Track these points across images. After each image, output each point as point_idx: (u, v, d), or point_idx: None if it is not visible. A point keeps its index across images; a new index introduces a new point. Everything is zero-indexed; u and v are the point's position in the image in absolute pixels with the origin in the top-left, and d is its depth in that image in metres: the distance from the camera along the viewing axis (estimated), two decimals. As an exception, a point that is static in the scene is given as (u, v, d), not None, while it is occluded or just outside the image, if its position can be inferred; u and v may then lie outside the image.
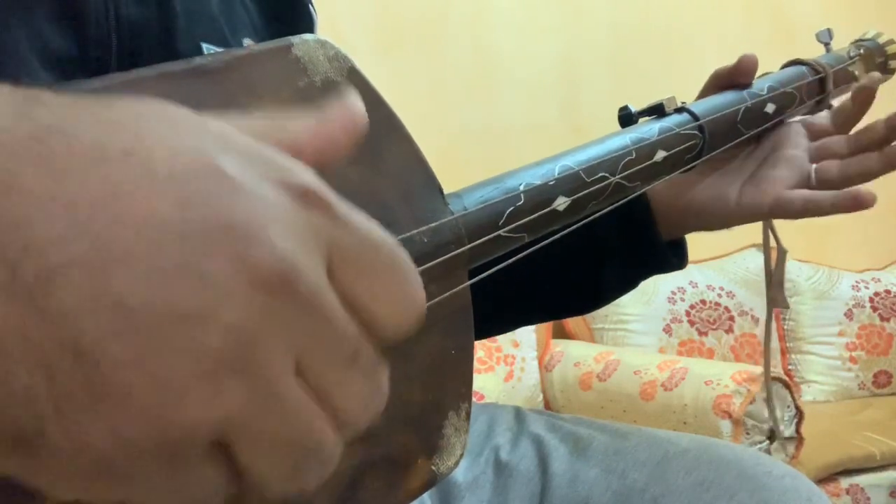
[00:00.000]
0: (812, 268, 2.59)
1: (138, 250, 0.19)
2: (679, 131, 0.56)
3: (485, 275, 0.42)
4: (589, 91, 2.47)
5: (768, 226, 0.67)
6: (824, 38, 0.70)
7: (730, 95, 0.61)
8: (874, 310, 2.54)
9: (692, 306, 2.37)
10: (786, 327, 2.53)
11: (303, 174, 0.23)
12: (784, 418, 1.70)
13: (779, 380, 1.70)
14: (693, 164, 0.58)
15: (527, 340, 2.13)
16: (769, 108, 0.62)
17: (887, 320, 2.53)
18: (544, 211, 0.46)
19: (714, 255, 2.49)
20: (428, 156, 0.40)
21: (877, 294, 2.56)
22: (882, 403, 2.34)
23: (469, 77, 2.36)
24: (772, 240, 0.68)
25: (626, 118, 0.57)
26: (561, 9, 2.48)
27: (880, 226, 2.76)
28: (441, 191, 0.41)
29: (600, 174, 0.49)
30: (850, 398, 2.44)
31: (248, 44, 0.46)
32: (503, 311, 0.63)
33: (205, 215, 0.20)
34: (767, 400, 0.97)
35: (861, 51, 0.70)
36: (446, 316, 0.40)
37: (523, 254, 0.45)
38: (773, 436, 1.61)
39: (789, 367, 2.49)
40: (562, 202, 0.47)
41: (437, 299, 0.38)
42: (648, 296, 2.30)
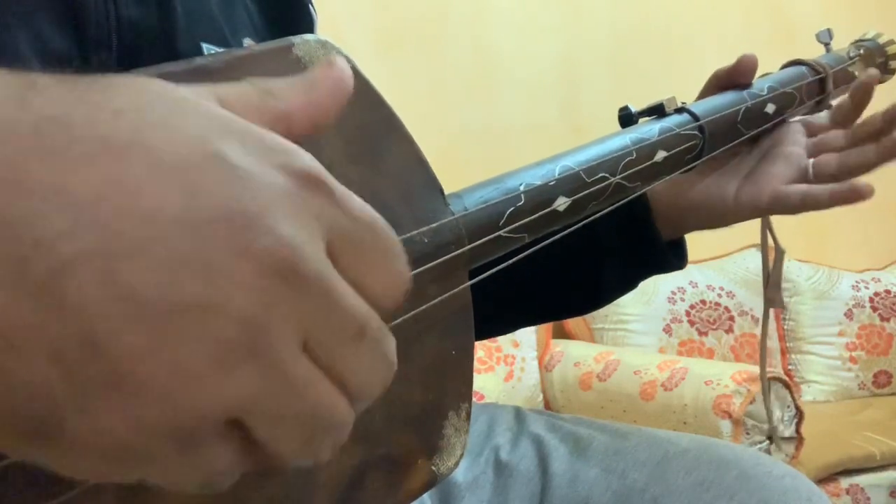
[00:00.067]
0: (812, 268, 2.59)
1: (147, 242, 0.20)
2: (679, 131, 0.56)
3: (485, 275, 0.42)
4: (589, 91, 2.47)
5: (766, 226, 0.67)
6: (824, 38, 0.70)
7: (730, 96, 0.61)
8: (874, 310, 2.54)
9: (692, 306, 2.37)
10: (786, 327, 2.52)
11: (303, 158, 0.23)
12: (784, 418, 1.70)
13: (779, 380, 1.70)
14: (693, 164, 0.58)
15: (527, 340, 2.13)
16: (769, 108, 0.62)
17: (887, 320, 2.53)
18: (544, 211, 0.46)
19: (714, 255, 2.49)
20: (428, 156, 0.40)
21: (877, 294, 2.56)
22: (882, 403, 2.34)
23: (469, 77, 2.36)
24: (770, 240, 0.68)
25: (627, 118, 0.57)
26: (561, 9, 2.48)
27: (880, 226, 2.76)
28: (441, 191, 0.41)
29: (600, 174, 0.49)
30: (850, 398, 2.44)
31: (248, 44, 0.46)
32: (503, 312, 0.63)
33: (210, 204, 0.21)
34: (764, 400, 0.97)
35: (861, 51, 0.70)
36: (446, 316, 0.40)
37: (524, 254, 0.45)
38: (772, 436, 1.61)
39: (789, 367, 2.49)
40: (562, 202, 0.47)
41: (437, 299, 0.38)
42: (648, 296, 2.30)
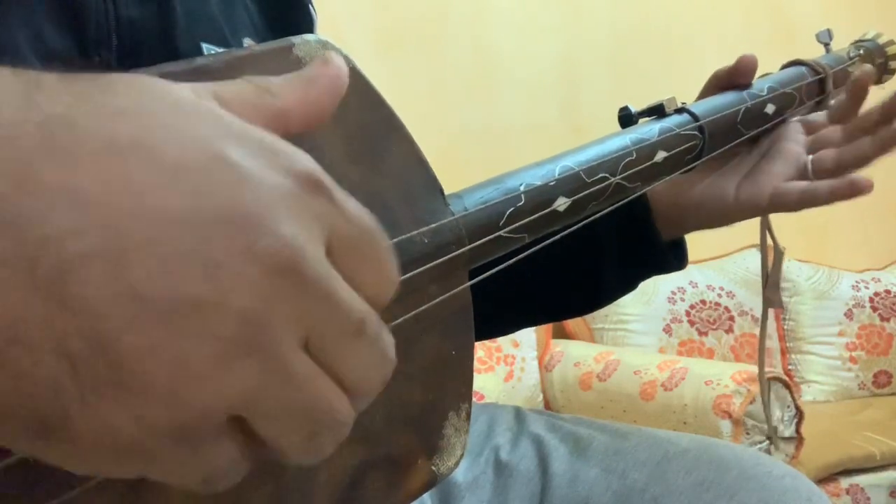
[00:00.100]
0: (812, 268, 2.59)
1: (152, 241, 0.20)
2: (679, 132, 0.56)
3: (485, 275, 0.42)
4: (589, 91, 2.47)
5: (765, 226, 0.67)
6: (824, 38, 0.70)
7: (730, 96, 0.61)
8: (874, 310, 2.54)
9: (692, 306, 2.37)
10: (786, 327, 2.52)
11: (303, 160, 0.24)
12: (784, 418, 1.70)
13: (779, 380, 1.70)
14: (693, 164, 0.58)
15: (527, 340, 2.13)
16: (769, 108, 0.62)
17: (887, 320, 2.53)
18: (545, 211, 0.46)
19: (714, 255, 2.49)
20: (428, 156, 0.40)
21: (877, 294, 2.56)
22: (882, 403, 2.34)
23: (469, 77, 2.36)
24: (769, 240, 0.68)
25: (627, 118, 0.57)
26: (561, 9, 2.48)
27: (880, 226, 2.76)
28: (441, 191, 0.41)
29: (601, 175, 0.49)
30: (850, 398, 2.44)
31: (248, 44, 0.46)
32: (504, 313, 0.63)
33: (214, 205, 0.21)
34: (763, 400, 0.97)
35: (861, 51, 0.70)
36: (446, 316, 0.40)
37: (524, 254, 0.45)
38: (771, 437, 1.61)
39: (789, 367, 2.49)
40: (562, 203, 0.47)
41: (437, 300, 0.38)
42: (648, 296, 2.30)
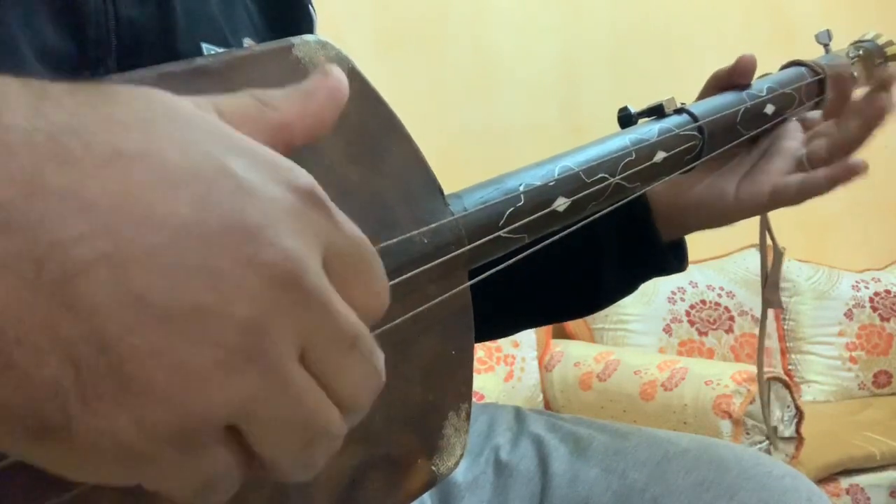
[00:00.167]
0: (812, 268, 2.59)
1: (157, 248, 0.20)
2: (678, 132, 0.56)
3: (485, 275, 0.42)
4: (589, 91, 2.47)
5: (765, 225, 0.67)
6: (823, 39, 0.70)
7: (729, 96, 0.61)
8: (874, 310, 2.54)
9: (692, 306, 2.37)
10: (786, 327, 2.53)
11: (304, 176, 0.24)
12: (784, 418, 1.70)
13: (779, 380, 1.70)
14: (693, 164, 0.58)
15: (527, 340, 2.13)
16: (768, 109, 0.62)
17: (887, 320, 2.53)
18: (544, 212, 0.46)
19: (714, 255, 2.49)
20: (428, 156, 0.41)
21: (877, 294, 2.56)
22: (882, 403, 2.34)
23: (469, 77, 2.36)
24: (769, 240, 0.68)
25: (626, 119, 0.57)
26: (561, 9, 2.48)
27: (880, 226, 2.76)
28: (441, 191, 0.41)
29: (600, 175, 0.49)
30: (850, 398, 2.44)
31: (248, 44, 0.46)
32: (504, 314, 0.63)
33: (219, 215, 0.21)
34: (762, 401, 0.98)
35: (860, 52, 0.71)
36: (446, 316, 0.40)
37: (523, 255, 0.45)
38: (770, 438, 1.61)
39: (789, 367, 2.49)
40: (561, 203, 0.47)
41: (437, 300, 0.38)
42: (648, 296, 2.31)
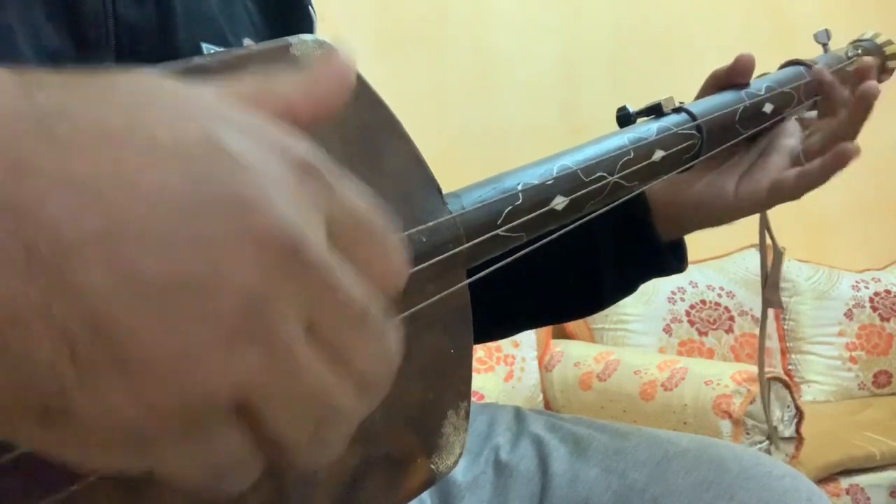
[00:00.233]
0: (812, 268, 2.59)
1: (148, 224, 0.20)
2: (677, 131, 0.56)
3: (484, 273, 0.42)
4: (589, 91, 2.47)
5: (764, 225, 0.67)
6: (822, 38, 0.70)
7: (728, 95, 0.61)
8: (874, 310, 2.54)
9: (692, 306, 2.37)
10: (786, 327, 2.53)
11: (301, 146, 0.24)
12: (784, 418, 1.70)
13: (779, 380, 1.70)
14: (691, 163, 0.58)
15: (527, 340, 2.13)
16: (767, 107, 0.62)
17: (887, 320, 2.53)
18: (542, 210, 0.46)
19: (714, 255, 2.49)
20: (427, 156, 0.41)
21: (877, 294, 2.56)
22: (882, 403, 2.34)
23: (469, 77, 2.36)
24: (768, 239, 0.68)
25: (624, 118, 0.57)
26: (561, 9, 2.48)
27: (880, 226, 2.76)
28: (439, 190, 0.41)
29: (598, 174, 0.49)
30: (850, 398, 2.44)
31: (247, 44, 0.46)
32: (503, 315, 0.63)
33: (211, 188, 0.21)
34: (763, 401, 0.97)
35: (859, 51, 0.71)
36: (445, 315, 0.40)
37: (522, 252, 0.45)
38: (771, 437, 1.61)
39: (789, 367, 2.49)
40: (560, 202, 0.47)
41: (436, 297, 0.38)
42: (648, 296, 2.31)
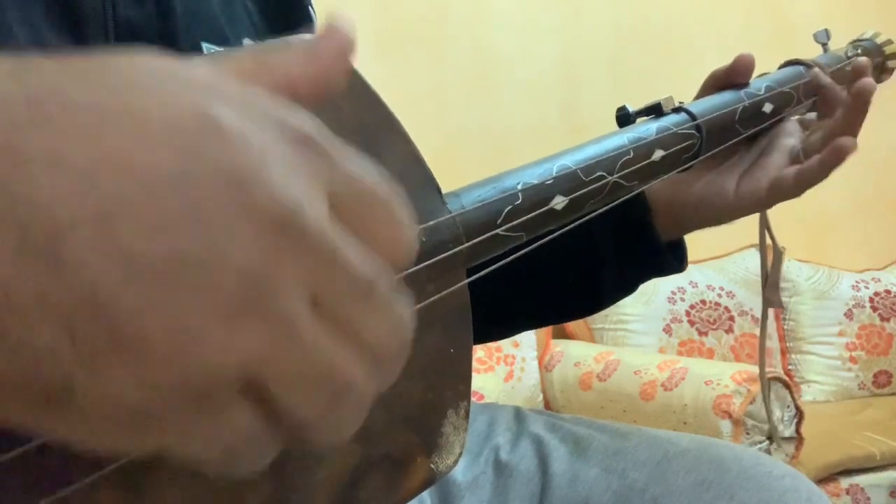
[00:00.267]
0: (812, 268, 2.59)
1: (142, 203, 0.20)
2: (676, 131, 0.56)
3: (484, 272, 0.42)
4: (589, 91, 2.47)
5: (764, 225, 0.67)
6: (822, 38, 0.70)
7: (727, 95, 0.61)
8: (874, 310, 2.54)
9: (692, 306, 2.37)
10: (786, 327, 2.53)
11: (298, 118, 0.23)
12: (784, 418, 1.70)
13: (779, 380, 1.70)
14: (691, 163, 0.58)
15: (527, 340, 2.13)
16: (767, 107, 0.62)
17: (887, 320, 2.53)
18: (542, 210, 0.46)
19: (714, 255, 2.49)
20: (427, 156, 0.41)
21: (877, 294, 2.56)
22: (882, 403, 2.34)
23: (469, 77, 2.36)
24: (768, 239, 0.68)
25: (624, 118, 0.58)
26: (561, 9, 2.48)
27: (880, 226, 2.76)
28: (439, 190, 0.41)
29: (598, 173, 0.50)
30: (850, 398, 2.44)
31: (247, 44, 0.46)
32: (503, 315, 0.63)
33: (204, 164, 0.21)
34: (764, 400, 0.98)
35: (859, 51, 0.71)
36: (445, 315, 0.40)
37: (521, 252, 0.45)
38: (772, 436, 1.61)
39: (789, 367, 2.49)
40: (559, 201, 0.47)
41: (435, 297, 0.38)
42: (648, 296, 2.31)
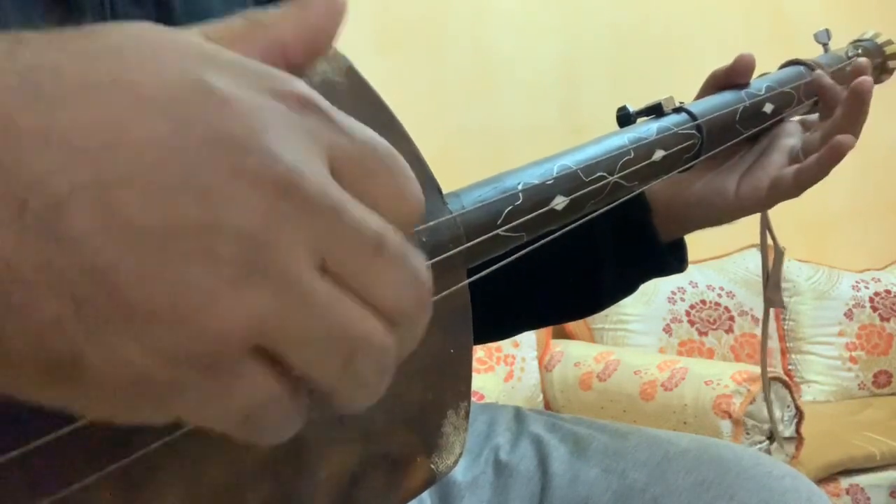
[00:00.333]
0: (812, 268, 2.59)
1: (139, 170, 0.20)
2: (677, 131, 0.56)
3: (484, 273, 0.42)
4: (589, 91, 2.47)
5: (765, 225, 0.67)
6: (822, 38, 0.70)
7: (728, 95, 0.61)
8: (874, 310, 2.54)
9: (692, 306, 2.37)
10: (786, 327, 2.53)
11: (292, 82, 0.23)
12: (784, 418, 1.70)
13: (779, 380, 1.70)
14: (691, 163, 0.58)
15: (527, 340, 2.13)
16: (767, 107, 0.62)
17: (887, 320, 2.53)
18: (542, 210, 0.46)
19: (714, 255, 2.49)
20: (427, 156, 0.40)
21: (877, 294, 2.56)
22: (882, 403, 2.34)
23: (469, 77, 2.36)
24: (769, 239, 0.68)
25: (625, 118, 0.57)
26: (561, 9, 2.48)
27: (880, 226, 2.76)
28: (439, 190, 0.41)
29: (598, 174, 0.49)
30: (850, 398, 2.44)
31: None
32: (504, 315, 0.63)
33: (201, 131, 0.21)
34: (766, 400, 0.98)
35: (859, 51, 0.71)
36: (445, 315, 0.40)
37: (522, 252, 0.45)
38: (773, 436, 1.61)
39: (789, 367, 2.49)
40: (560, 201, 0.47)
41: (435, 298, 0.38)
42: (648, 296, 2.31)
